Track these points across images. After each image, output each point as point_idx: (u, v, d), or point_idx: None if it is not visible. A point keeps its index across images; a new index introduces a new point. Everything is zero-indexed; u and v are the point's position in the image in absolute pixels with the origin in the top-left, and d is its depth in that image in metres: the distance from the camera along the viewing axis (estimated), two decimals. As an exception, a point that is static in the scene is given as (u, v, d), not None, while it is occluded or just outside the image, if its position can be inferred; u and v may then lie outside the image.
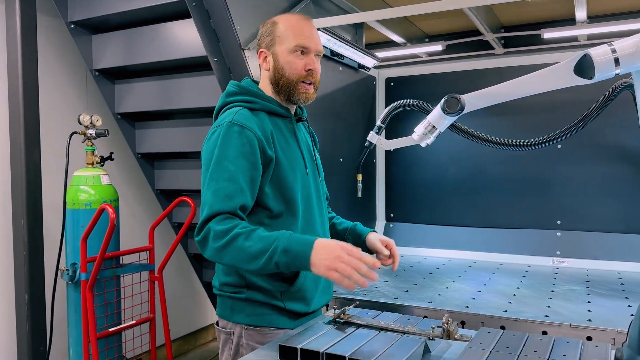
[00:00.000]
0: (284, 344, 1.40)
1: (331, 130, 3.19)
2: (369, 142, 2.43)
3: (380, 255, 1.81)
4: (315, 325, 1.57)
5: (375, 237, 1.87)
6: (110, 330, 2.99)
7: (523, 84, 1.91)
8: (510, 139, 2.07)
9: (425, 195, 3.64)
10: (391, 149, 3.66)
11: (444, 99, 2.01)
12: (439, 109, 2.05)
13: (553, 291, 2.54)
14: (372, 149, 2.48)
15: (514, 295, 2.48)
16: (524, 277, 2.86)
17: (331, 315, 1.60)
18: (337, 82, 3.32)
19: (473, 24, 4.05)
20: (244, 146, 1.61)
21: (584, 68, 1.72)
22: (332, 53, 3.16)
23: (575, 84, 1.78)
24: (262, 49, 1.78)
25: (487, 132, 2.11)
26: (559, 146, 3.21)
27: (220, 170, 1.59)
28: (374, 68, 3.74)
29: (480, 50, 4.62)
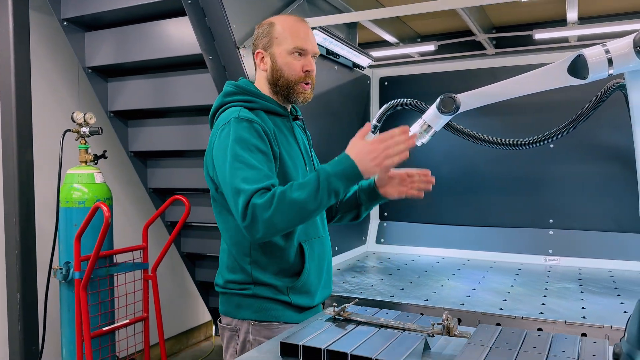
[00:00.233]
0: (286, 340, 1.40)
1: (326, 129, 3.19)
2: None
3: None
4: (315, 322, 1.57)
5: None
6: (103, 329, 2.97)
7: (517, 83, 1.93)
8: (503, 139, 2.09)
9: (418, 194, 3.65)
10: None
11: (439, 98, 2.03)
12: (434, 108, 2.07)
13: (547, 289, 2.57)
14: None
15: (509, 293, 2.50)
16: (517, 275, 2.88)
17: (331, 313, 1.61)
18: (333, 81, 3.33)
19: (465, 24, 4.07)
20: (256, 138, 1.64)
21: (577, 68, 1.74)
22: (328, 52, 3.16)
23: (569, 84, 1.81)
24: (259, 50, 1.80)
25: (481, 132, 2.13)
26: (552, 146, 3.24)
27: (241, 161, 1.60)
28: (368, 67, 3.75)
29: (472, 50, 4.65)
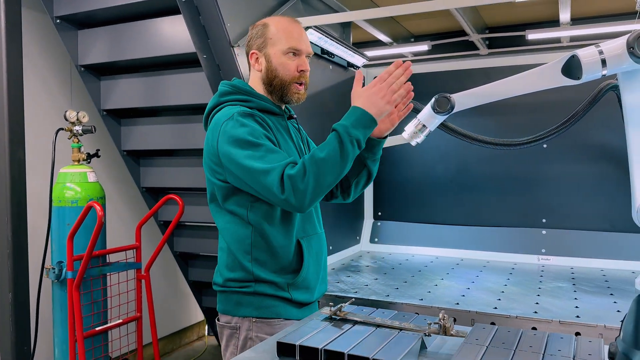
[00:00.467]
0: (282, 340, 1.40)
1: (320, 129, 3.18)
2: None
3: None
4: (312, 322, 1.57)
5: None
6: (96, 329, 2.95)
7: (512, 83, 1.94)
8: (497, 138, 2.10)
9: (412, 193, 3.66)
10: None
11: (434, 98, 2.03)
12: (429, 108, 2.07)
13: (540, 288, 2.58)
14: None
15: (502, 292, 2.51)
16: (510, 275, 2.90)
17: (327, 312, 1.61)
18: (327, 81, 3.32)
19: (459, 24, 4.09)
20: (264, 128, 1.69)
21: (571, 69, 1.75)
22: (323, 51, 3.16)
23: (562, 85, 1.82)
24: (254, 51, 1.82)
25: (474, 132, 2.13)
26: (545, 146, 3.25)
27: (259, 146, 1.62)
28: (363, 67, 3.75)
29: (465, 50, 4.66)
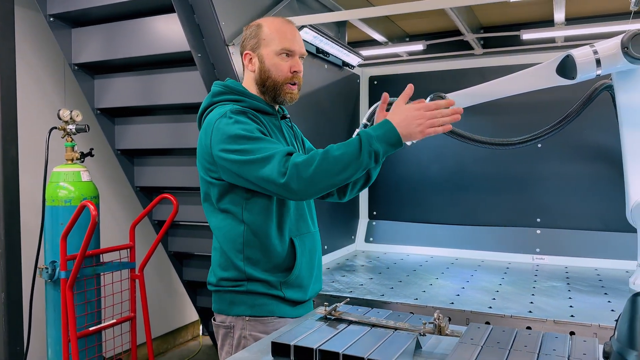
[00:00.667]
0: (277, 340, 1.39)
1: (315, 128, 3.19)
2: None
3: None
4: (306, 321, 1.57)
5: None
6: (90, 329, 2.93)
7: (507, 83, 1.94)
8: (492, 138, 2.10)
9: (407, 193, 3.66)
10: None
11: (429, 98, 2.03)
12: (425, 107, 2.07)
13: (535, 287, 2.59)
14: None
15: (497, 291, 2.51)
16: (505, 274, 2.90)
17: (322, 312, 1.60)
18: (322, 80, 3.32)
19: (453, 24, 4.09)
20: (254, 123, 1.69)
21: (566, 68, 1.76)
22: (318, 50, 3.15)
23: (557, 84, 1.82)
24: (248, 51, 1.84)
25: (470, 132, 2.13)
26: (539, 145, 3.26)
27: (257, 137, 1.63)
28: (358, 66, 3.74)
29: (460, 50, 4.67)
